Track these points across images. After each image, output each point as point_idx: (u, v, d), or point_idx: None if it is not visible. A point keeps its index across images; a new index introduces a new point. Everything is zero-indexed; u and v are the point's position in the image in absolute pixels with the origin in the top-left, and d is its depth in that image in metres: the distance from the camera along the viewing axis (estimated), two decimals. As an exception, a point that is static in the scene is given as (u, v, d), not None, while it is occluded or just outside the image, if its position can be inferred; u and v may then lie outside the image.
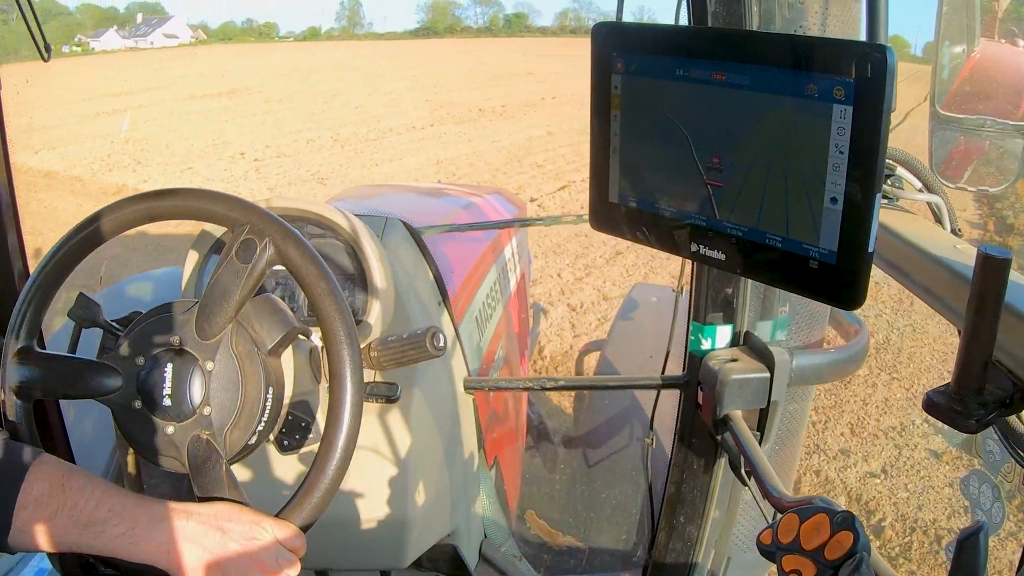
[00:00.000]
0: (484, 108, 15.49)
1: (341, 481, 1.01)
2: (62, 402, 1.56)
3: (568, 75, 21.87)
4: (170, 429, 1.02)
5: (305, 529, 1.00)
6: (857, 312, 1.68)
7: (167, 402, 1.02)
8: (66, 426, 1.57)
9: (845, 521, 0.72)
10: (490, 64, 23.86)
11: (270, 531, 0.97)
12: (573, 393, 3.67)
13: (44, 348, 1.09)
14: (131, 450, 1.15)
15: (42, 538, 0.88)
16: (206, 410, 1.02)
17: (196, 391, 1.02)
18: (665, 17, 1.34)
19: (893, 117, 0.65)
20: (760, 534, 0.78)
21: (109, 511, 0.90)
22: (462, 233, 2.73)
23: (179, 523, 0.93)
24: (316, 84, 18.13)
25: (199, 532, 0.93)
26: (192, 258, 1.49)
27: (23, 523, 0.87)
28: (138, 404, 1.03)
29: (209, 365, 1.03)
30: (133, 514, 0.91)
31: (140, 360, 1.04)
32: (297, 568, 1.00)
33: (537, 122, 14.15)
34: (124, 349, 1.05)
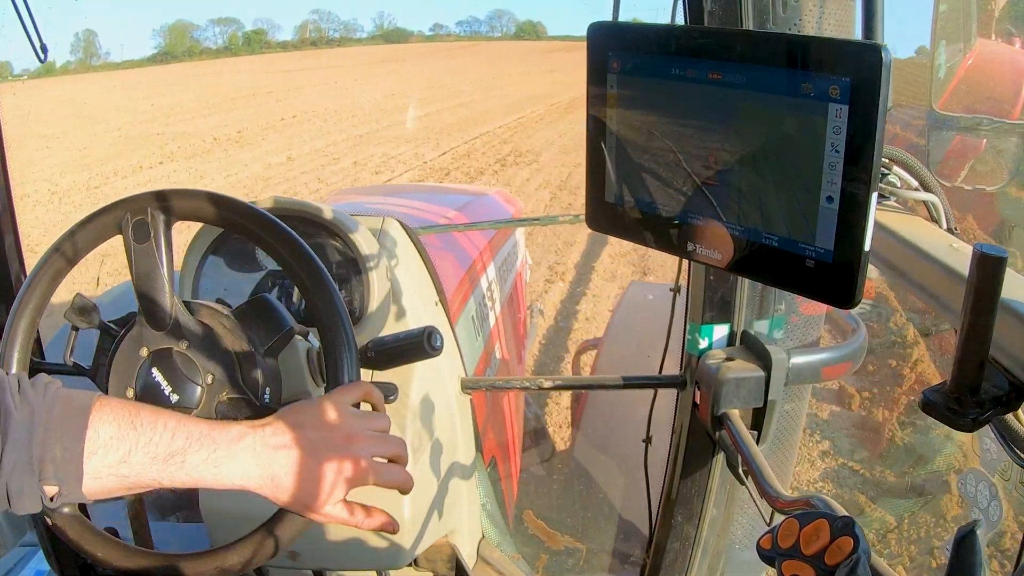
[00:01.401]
0: (219, 137, 14.34)
1: None
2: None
3: (308, 90, 21.11)
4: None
5: (307, 523, 1.01)
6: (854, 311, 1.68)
7: (175, 399, 1.02)
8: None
9: (846, 526, 0.72)
10: (228, 86, 22.56)
11: (339, 400, 0.95)
12: (570, 392, 3.67)
13: (42, 355, 1.09)
14: None
15: (119, 481, 0.85)
16: (209, 379, 1.03)
17: (190, 373, 1.03)
18: (661, 17, 1.34)
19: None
20: (760, 539, 0.78)
21: (186, 439, 0.87)
22: (459, 233, 2.73)
23: (258, 435, 0.90)
24: (39, 127, 14.99)
25: (278, 437, 0.91)
26: (188, 260, 1.49)
27: (96, 470, 0.83)
28: (129, 395, 1.04)
29: (183, 344, 1.03)
30: (211, 437, 0.88)
31: (130, 391, 1.06)
32: (386, 420, 0.99)
33: (276, 147, 13.29)
34: (112, 387, 1.06)
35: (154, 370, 1.03)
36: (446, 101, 18.84)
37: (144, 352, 1.04)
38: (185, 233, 1.25)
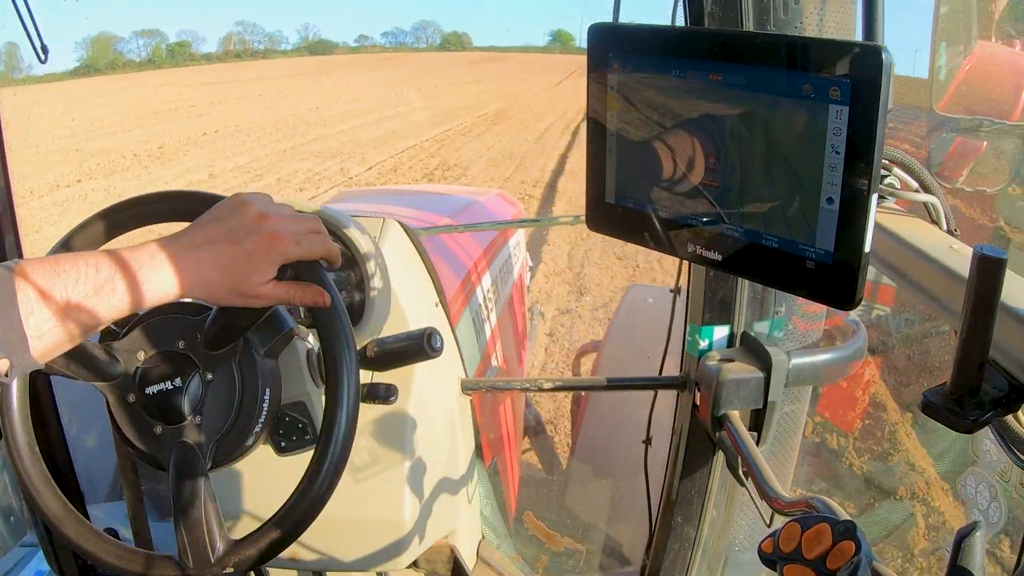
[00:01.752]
0: (139, 152, 13.69)
1: (338, 481, 1.01)
2: (58, 397, 1.57)
3: (232, 103, 20.30)
4: (158, 429, 1.03)
5: (299, 531, 1.00)
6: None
7: (178, 383, 1.03)
8: (60, 417, 1.58)
9: (847, 531, 0.72)
10: (151, 99, 21.50)
11: (248, 199, 0.96)
12: (570, 394, 3.67)
13: None
14: (132, 481, 1.15)
15: (63, 330, 0.84)
16: (197, 419, 1.03)
17: (190, 399, 1.03)
18: (662, 18, 1.34)
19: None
20: (762, 543, 0.78)
21: (111, 268, 0.86)
22: (460, 234, 2.73)
23: (179, 241, 0.91)
24: (-47, 146, 15.15)
25: (194, 236, 0.92)
26: None
27: (36, 328, 0.82)
28: (132, 398, 1.04)
29: (209, 375, 1.03)
30: (134, 258, 0.88)
31: (141, 355, 1.04)
32: (289, 207, 0.99)
33: (198, 163, 12.77)
34: (129, 340, 1.05)
35: (168, 368, 1.03)
36: (370, 114, 18.53)
37: (180, 344, 1.04)
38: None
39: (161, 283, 0.88)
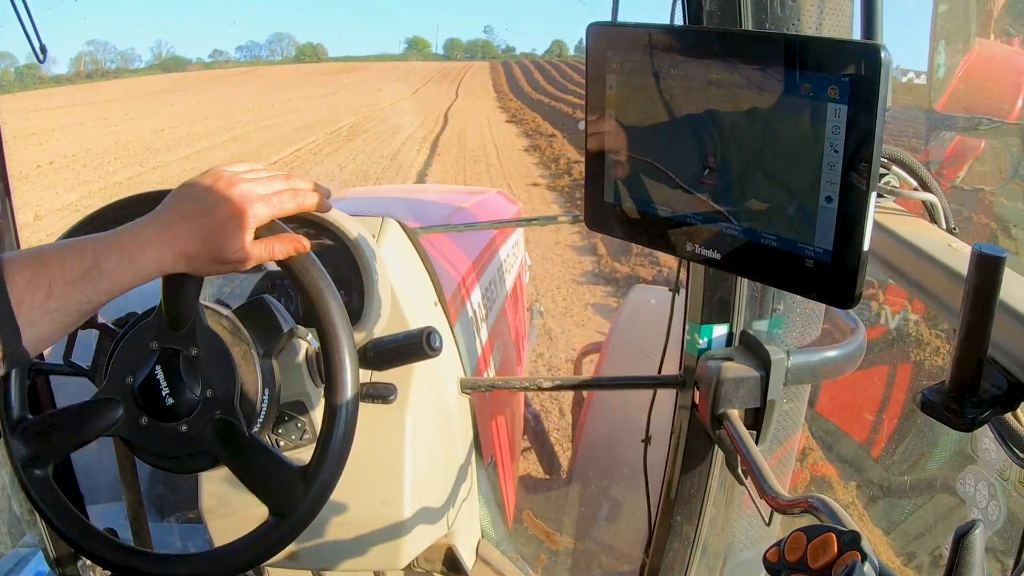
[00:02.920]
0: None
1: (337, 481, 1.01)
2: (57, 397, 1.56)
3: (74, 129, 19.00)
4: (184, 428, 1.03)
5: (305, 523, 1.00)
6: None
7: (170, 402, 1.02)
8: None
9: (853, 541, 0.72)
10: None
11: (217, 169, 0.97)
12: (571, 394, 3.67)
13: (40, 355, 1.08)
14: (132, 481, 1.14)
15: (53, 318, 0.86)
16: (208, 392, 1.02)
17: (192, 379, 1.02)
18: (660, 17, 1.34)
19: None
20: (767, 552, 0.78)
21: (94, 251, 0.88)
22: (458, 233, 2.73)
23: (157, 219, 0.93)
24: None
25: (172, 212, 0.93)
26: None
27: (28, 317, 0.84)
28: (144, 420, 1.03)
29: (193, 351, 1.03)
30: (117, 240, 0.90)
31: (129, 378, 1.04)
32: (275, 179, 0.99)
33: (26, 201, 11.38)
34: (111, 375, 1.05)
35: (158, 369, 1.03)
36: (218, 135, 17.72)
37: (154, 345, 1.04)
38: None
39: (144, 261, 0.90)
